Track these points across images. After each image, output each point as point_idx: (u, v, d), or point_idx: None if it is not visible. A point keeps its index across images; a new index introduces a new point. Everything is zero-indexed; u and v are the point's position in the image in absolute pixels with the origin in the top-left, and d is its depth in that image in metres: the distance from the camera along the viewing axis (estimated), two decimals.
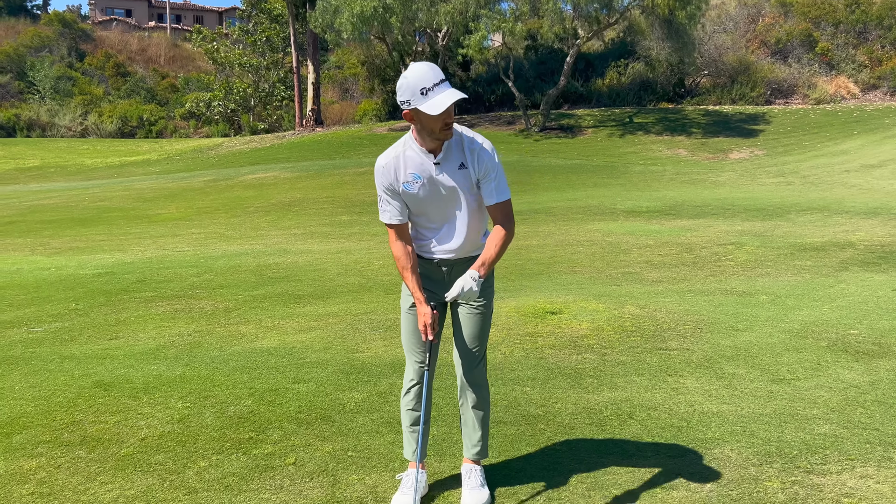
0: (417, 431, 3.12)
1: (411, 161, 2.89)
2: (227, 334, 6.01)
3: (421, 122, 2.80)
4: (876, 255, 9.10)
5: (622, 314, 6.14)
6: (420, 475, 3.09)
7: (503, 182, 2.93)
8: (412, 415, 3.11)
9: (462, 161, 2.86)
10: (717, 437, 3.67)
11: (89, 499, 3.17)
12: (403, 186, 2.91)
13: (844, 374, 4.66)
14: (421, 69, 2.75)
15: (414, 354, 3.09)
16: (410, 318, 3.08)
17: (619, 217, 13.18)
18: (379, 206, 2.99)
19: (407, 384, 3.13)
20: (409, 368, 3.13)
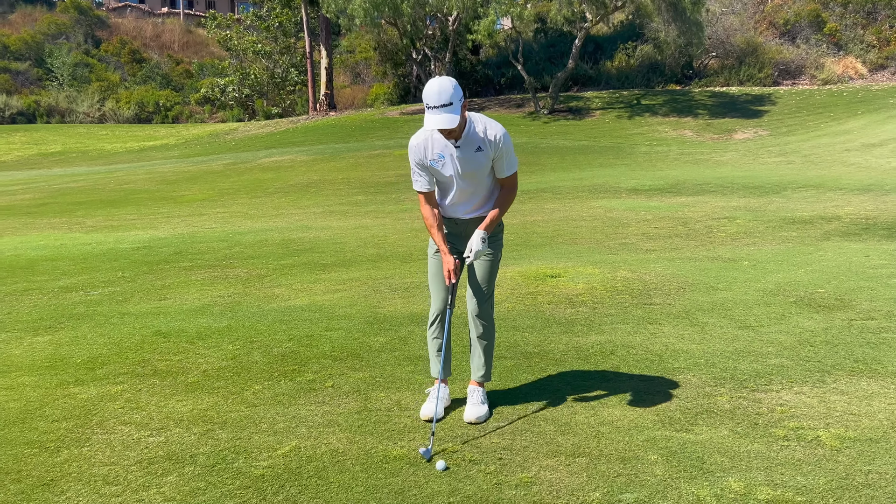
0: (440, 355, 3.87)
1: (437, 143, 3.60)
2: (262, 295, 6.78)
3: None
4: (859, 227, 9.74)
5: (615, 277, 6.86)
6: (443, 389, 3.84)
7: (512, 158, 3.66)
8: (437, 342, 3.85)
9: (479, 145, 3.57)
10: (682, 368, 4.40)
11: (170, 411, 3.95)
12: (430, 163, 3.63)
13: (804, 322, 5.36)
14: (431, 89, 3.41)
15: (437, 292, 3.83)
16: (434, 262, 3.82)
17: (622, 195, 13.83)
18: (412, 177, 3.70)
19: (431, 317, 3.87)
20: (433, 305, 3.87)
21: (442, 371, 3.82)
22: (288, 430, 3.64)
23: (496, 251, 3.80)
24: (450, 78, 3.47)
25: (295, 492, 3.02)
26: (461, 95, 3.43)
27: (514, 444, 3.40)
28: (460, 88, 3.46)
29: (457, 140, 3.58)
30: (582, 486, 2.98)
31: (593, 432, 3.50)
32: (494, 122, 3.61)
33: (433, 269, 3.84)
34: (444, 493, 2.97)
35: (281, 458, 3.32)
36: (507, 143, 3.61)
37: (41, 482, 3.17)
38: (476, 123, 3.57)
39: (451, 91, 3.38)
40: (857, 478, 3.00)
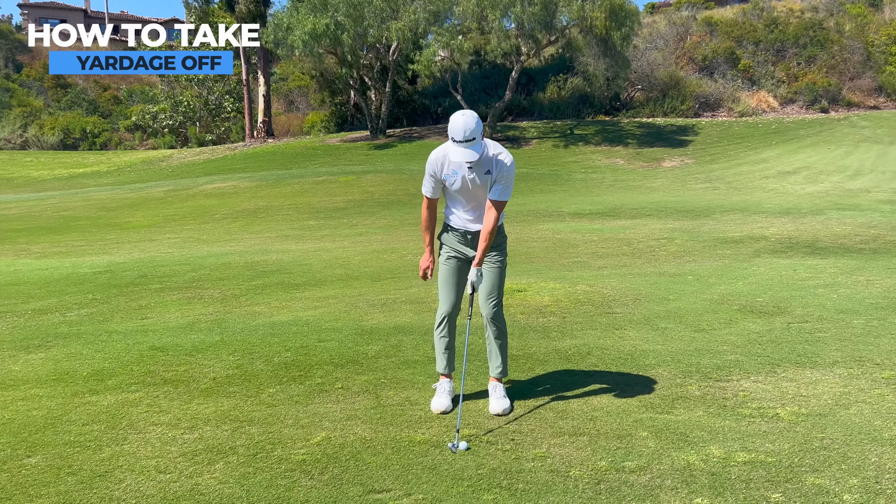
0: (447, 353, 4.30)
1: (452, 162, 4.06)
2: (244, 313, 7.04)
3: None
4: (784, 245, 10.70)
5: (576, 290, 7.44)
6: (448, 384, 4.27)
7: (510, 188, 4.11)
8: (444, 341, 4.28)
9: (489, 169, 4.05)
10: (653, 364, 4.96)
11: (194, 412, 4.23)
12: (444, 176, 4.09)
13: (749, 325, 6.03)
14: (457, 125, 3.88)
15: (447, 295, 4.26)
16: (444, 268, 4.26)
17: (566, 219, 14.59)
18: (423, 181, 4.16)
19: (439, 318, 4.30)
20: (441, 306, 4.30)
21: (448, 367, 4.27)
22: (313, 424, 3.99)
23: (502, 258, 4.27)
24: (473, 113, 3.96)
25: (338, 471, 3.38)
26: (482, 129, 3.93)
27: (522, 427, 3.85)
28: (481, 123, 3.95)
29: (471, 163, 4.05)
30: (589, 458, 3.46)
31: (588, 416, 3.99)
32: (506, 151, 4.10)
33: (444, 275, 4.28)
34: (471, 467, 3.39)
35: (316, 447, 3.67)
36: (511, 172, 4.09)
37: (96, 474, 3.43)
38: (489, 149, 4.05)
39: (473, 127, 3.87)
40: (814, 443, 3.59)
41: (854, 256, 9.67)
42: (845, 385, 4.46)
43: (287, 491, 3.21)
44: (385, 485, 3.24)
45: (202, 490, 3.24)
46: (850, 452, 3.48)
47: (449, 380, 4.30)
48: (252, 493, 3.21)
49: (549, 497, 3.08)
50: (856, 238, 11.31)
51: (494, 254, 4.24)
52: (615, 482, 3.21)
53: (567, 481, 3.23)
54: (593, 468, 3.34)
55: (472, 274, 4.08)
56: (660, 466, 3.35)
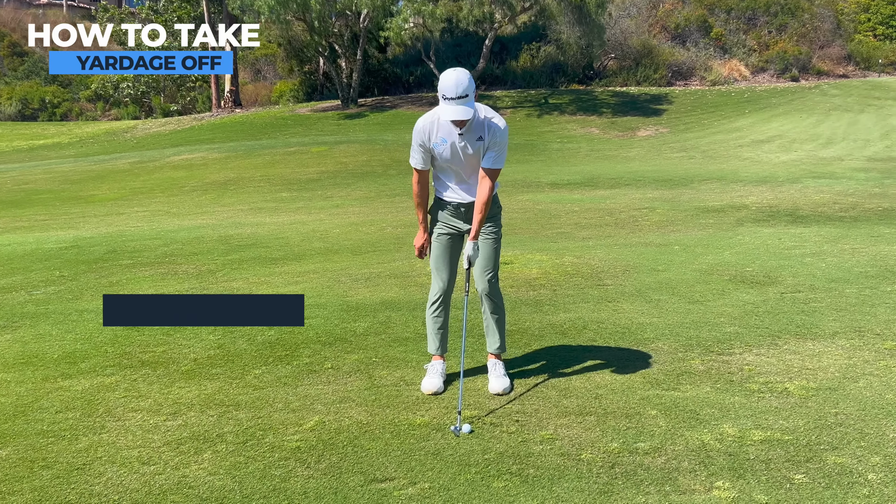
0: (440, 333, 4.09)
1: (443, 128, 3.80)
2: (222, 289, 6.76)
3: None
4: (765, 214, 10.67)
5: (563, 262, 7.27)
6: (441, 364, 4.07)
7: (503, 156, 3.86)
8: (438, 321, 4.07)
9: (481, 135, 3.79)
10: (651, 338, 4.82)
11: (176, 397, 3.98)
12: (433, 145, 3.83)
13: (742, 296, 5.93)
14: (448, 80, 3.60)
15: (440, 273, 4.03)
16: (437, 244, 4.03)
17: (545, 189, 14.43)
18: (411, 153, 3.90)
19: (432, 297, 4.08)
20: (434, 284, 4.08)
21: (441, 348, 4.08)
22: (304, 407, 3.77)
23: (497, 230, 4.05)
24: (465, 70, 3.68)
25: (336, 459, 3.17)
26: (475, 88, 3.65)
27: (525, 407, 3.68)
28: (474, 81, 3.68)
29: (461, 128, 3.80)
30: (599, 439, 3.30)
31: (592, 395, 3.83)
32: (498, 116, 3.85)
33: (437, 251, 4.05)
34: (477, 451, 3.21)
35: (310, 432, 3.46)
36: (504, 137, 3.84)
37: (73, 467, 3.18)
38: (480, 112, 3.80)
39: (466, 84, 3.58)
40: (829, 419, 3.47)
41: (836, 224, 9.66)
42: (849, 357, 4.36)
43: (283, 482, 3.00)
44: (387, 473, 3.05)
45: (190, 483, 3.02)
46: (866, 428, 3.37)
47: (441, 361, 4.11)
48: (245, 485, 2.99)
49: (564, 483, 2.91)
50: (835, 206, 11.32)
51: (489, 225, 4.02)
52: (630, 465, 3.06)
53: (580, 465, 3.06)
54: (605, 450, 3.19)
55: (469, 248, 3.87)
56: (674, 447, 3.20)
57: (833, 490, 2.83)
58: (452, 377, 4.11)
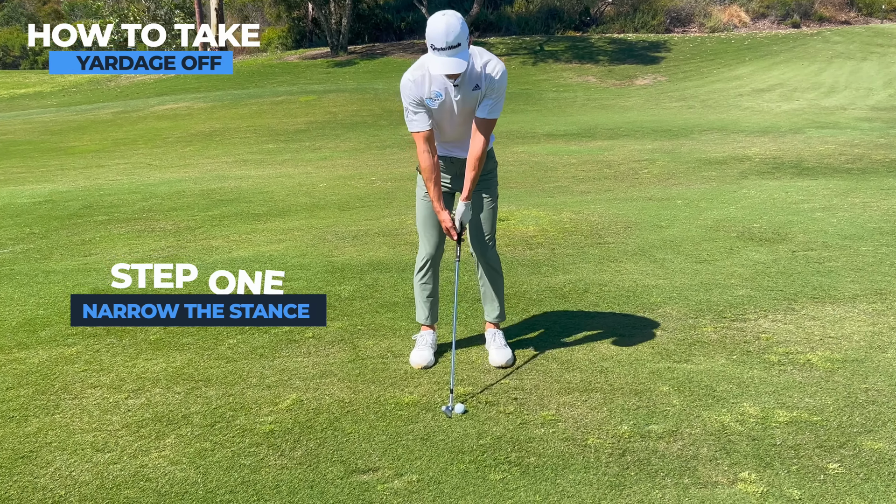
0: (429, 301, 3.73)
1: (435, 80, 3.34)
2: (200, 248, 6.37)
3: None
4: (769, 166, 10.26)
5: (561, 219, 6.89)
6: (431, 335, 3.72)
7: (500, 104, 3.41)
8: (426, 288, 3.70)
9: (477, 83, 3.34)
10: (658, 302, 4.48)
11: (141, 371, 3.63)
12: (427, 101, 3.37)
13: (752, 255, 5.58)
14: (437, 28, 3.09)
15: (428, 237, 3.64)
16: (424, 205, 3.62)
17: (541, 140, 13.94)
18: (406, 119, 3.42)
19: (420, 262, 3.70)
20: (421, 249, 3.69)
21: (431, 317, 3.73)
22: (281, 383, 3.43)
23: (493, 189, 3.66)
24: (455, 14, 3.19)
25: (314, 445, 2.84)
26: (468, 34, 3.20)
27: (524, 383, 3.35)
28: (467, 25, 3.22)
29: (455, 79, 3.37)
30: (607, 420, 2.97)
31: (597, 368, 3.50)
32: (495, 58, 3.39)
33: (423, 211, 3.65)
34: (471, 436, 2.88)
35: (286, 413, 3.12)
36: (503, 84, 3.41)
37: (18, 454, 2.84)
38: (476, 58, 3.36)
39: (458, 30, 3.09)
40: (860, 395, 3.15)
41: (844, 177, 9.28)
42: (873, 323, 4.03)
43: (253, 473, 2.67)
44: (370, 462, 2.72)
45: (148, 474, 2.68)
46: None
47: (432, 331, 3.76)
48: (210, 477, 2.66)
49: (569, 475, 2.59)
50: (841, 157, 10.92)
51: (484, 183, 3.61)
52: (643, 452, 2.73)
53: (586, 452, 2.74)
54: (614, 434, 2.86)
55: (460, 209, 3.47)
56: (691, 430, 2.88)
57: (873, 482, 2.52)
58: (444, 348, 3.77)
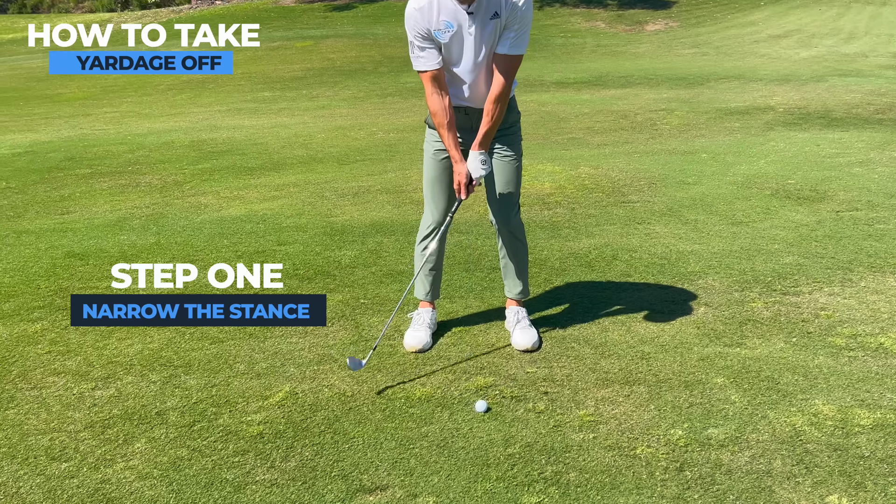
0: (432, 275, 3.25)
1: (445, 8, 2.80)
2: (187, 205, 5.86)
3: None
4: (795, 117, 9.66)
5: (579, 174, 6.36)
6: (430, 313, 3.25)
7: (525, 38, 2.88)
8: (431, 259, 3.20)
9: (496, 10, 2.80)
10: (697, 271, 3.99)
11: (112, 353, 3.17)
12: (436, 34, 2.83)
13: (792, 216, 5.07)
14: None
15: (436, 201, 3.14)
16: (434, 163, 3.11)
17: (550, 88, 13.27)
18: (411, 56, 2.90)
19: (424, 230, 3.20)
20: (427, 215, 3.19)
21: (430, 293, 3.25)
22: (273, 370, 2.97)
23: (516, 146, 3.14)
24: None
25: (310, 454, 2.39)
26: None
27: (554, 373, 2.88)
28: None
29: (469, 5, 2.81)
30: (656, 422, 2.52)
31: (637, 353, 3.03)
32: None
33: (433, 171, 3.13)
34: (497, 442, 2.42)
35: (277, 409, 2.66)
36: (528, 13, 2.86)
37: None
38: None
39: None
40: None
41: (876, 128, 8.69)
42: None
43: (236, 492, 2.22)
44: (378, 478, 2.26)
45: (109, 492, 2.23)
46: None
47: (431, 309, 3.28)
48: (184, 496, 2.21)
49: (618, 497, 2.14)
50: (870, 108, 10.30)
51: (505, 138, 3.09)
52: (704, 466, 2.28)
53: (636, 466, 2.28)
54: (667, 441, 2.40)
55: (473, 161, 2.94)
56: (758, 436, 2.42)
57: None
58: (444, 327, 3.30)
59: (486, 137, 2.94)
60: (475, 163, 2.95)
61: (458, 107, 3.02)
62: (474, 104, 3.00)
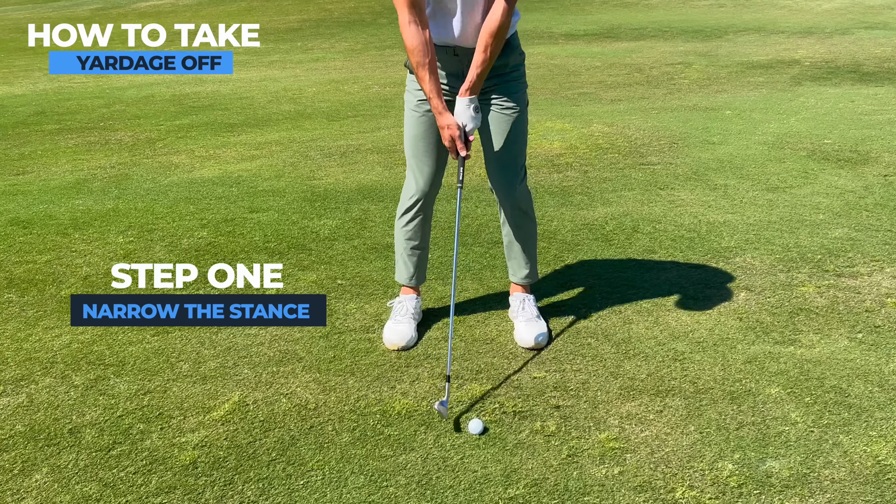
0: (416, 255, 2.68)
1: None
2: (157, 165, 5.28)
3: None
4: (823, 71, 8.96)
5: (592, 132, 5.75)
6: (415, 303, 2.69)
7: None
8: (415, 236, 2.64)
9: None
10: (733, 246, 3.42)
11: (33, 347, 2.63)
12: None
13: (835, 180, 4.47)
14: None
15: (420, 164, 2.55)
16: (416, 118, 2.51)
17: (559, 41, 12.51)
18: None
19: (407, 201, 2.62)
20: (410, 182, 2.61)
21: (415, 276, 2.68)
22: (222, 372, 2.43)
23: (519, 98, 2.53)
24: None
25: (253, 494, 1.85)
26: None
27: (567, 378, 2.34)
28: None
29: None
30: (699, 451, 1.97)
31: (669, 353, 2.47)
32: None
33: (416, 127, 2.54)
34: (496, 478, 1.88)
35: (220, 427, 2.12)
36: None
37: None
38: None
39: None
40: None
41: None
42: None
43: None
44: None
45: None
46: None
47: (415, 296, 2.72)
48: None
49: None
50: None
51: (505, 87, 2.47)
52: None
53: None
54: (714, 479, 1.86)
55: (461, 110, 2.35)
56: (832, 473, 1.88)
57: None
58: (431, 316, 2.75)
59: (479, 80, 2.33)
60: (466, 112, 2.35)
61: (445, 45, 2.40)
62: (466, 43, 2.38)
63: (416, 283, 2.71)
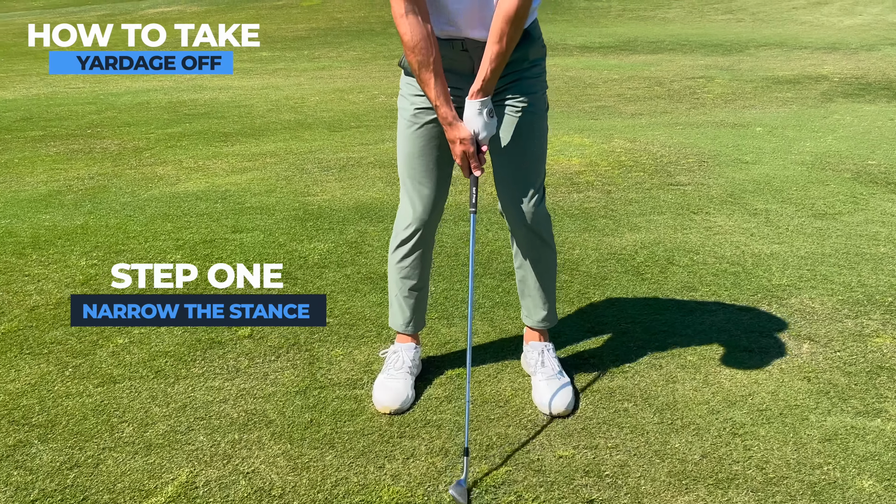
0: (414, 297, 2.22)
1: None
2: (139, 177, 4.84)
3: None
4: (854, 87, 8.49)
5: (613, 148, 5.29)
6: (413, 351, 2.22)
7: None
8: (412, 273, 2.18)
9: None
10: (786, 284, 2.94)
11: None
12: None
13: (889, 207, 4.00)
14: None
15: (418, 186, 2.08)
16: (414, 130, 2.05)
17: (573, 53, 12.10)
18: None
19: (402, 232, 2.15)
20: (405, 208, 2.13)
21: (412, 322, 2.22)
22: (172, 438, 1.96)
23: (538, 101, 2.06)
24: None
25: None
26: None
27: (601, 458, 1.86)
28: None
29: None
30: None
31: (725, 425, 2.00)
32: None
33: (411, 145, 2.07)
34: None
35: None
36: None
37: None
38: None
39: None
40: None
41: None
42: None
43: None
44: None
45: None
46: None
47: (413, 345, 2.25)
48: None
49: None
50: None
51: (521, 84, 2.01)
52: None
53: None
54: None
55: (472, 115, 1.88)
56: None
57: None
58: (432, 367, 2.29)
59: (493, 77, 1.87)
60: (478, 117, 1.89)
61: (450, 38, 1.95)
62: (473, 34, 1.92)
63: (413, 330, 2.25)
